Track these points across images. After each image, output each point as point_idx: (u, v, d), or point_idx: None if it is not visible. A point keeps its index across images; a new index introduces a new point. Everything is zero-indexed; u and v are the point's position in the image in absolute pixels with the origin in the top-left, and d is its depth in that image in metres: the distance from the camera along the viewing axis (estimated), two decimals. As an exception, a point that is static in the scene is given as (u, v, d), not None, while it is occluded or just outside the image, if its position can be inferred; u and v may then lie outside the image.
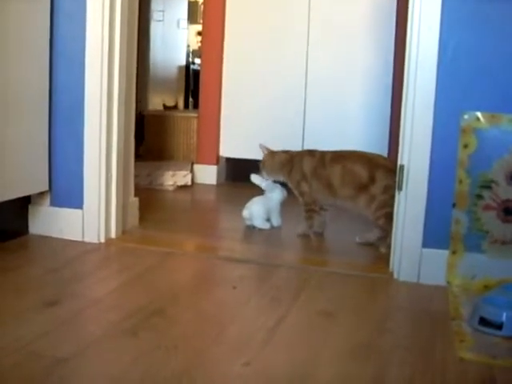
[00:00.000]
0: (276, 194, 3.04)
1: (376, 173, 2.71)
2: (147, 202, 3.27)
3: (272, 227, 3.06)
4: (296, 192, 2.97)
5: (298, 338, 1.85)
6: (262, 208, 3.02)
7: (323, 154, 2.89)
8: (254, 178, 3.07)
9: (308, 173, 2.88)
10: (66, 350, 1.66)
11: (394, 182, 2.44)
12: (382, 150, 3.93)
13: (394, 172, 2.44)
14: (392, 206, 2.47)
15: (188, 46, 7.13)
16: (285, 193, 3.07)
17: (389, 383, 1.61)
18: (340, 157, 2.84)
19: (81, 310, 1.96)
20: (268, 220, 3.06)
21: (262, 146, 3.09)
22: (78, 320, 1.90)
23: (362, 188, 2.72)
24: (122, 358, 1.65)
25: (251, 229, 3.05)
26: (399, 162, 2.37)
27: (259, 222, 3.03)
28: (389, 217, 2.55)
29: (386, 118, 3.97)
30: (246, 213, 3.04)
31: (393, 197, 2.47)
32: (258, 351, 1.72)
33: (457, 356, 1.74)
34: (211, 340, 1.78)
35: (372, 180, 2.71)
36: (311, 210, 2.91)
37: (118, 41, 2.62)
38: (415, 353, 1.76)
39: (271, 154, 3.06)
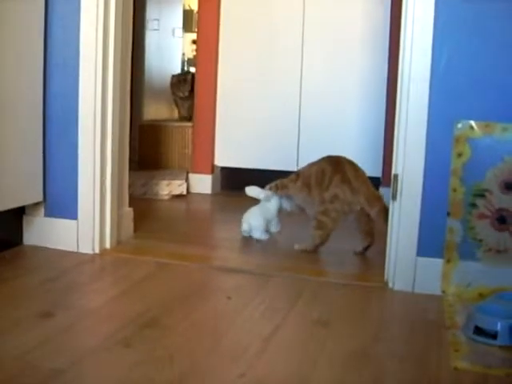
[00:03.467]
0: (273, 203, 3.02)
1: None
2: (142, 211, 3.27)
3: (271, 236, 3.04)
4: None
5: (294, 348, 1.85)
6: (261, 219, 3.00)
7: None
8: (250, 191, 3.05)
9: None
10: (62, 362, 1.65)
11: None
12: (376, 158, 3.94)
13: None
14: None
15: (183, 54, 7.13)
16: (282, 201, 3.04)
17: (384, 393, 1.61)
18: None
19: (75, 320, 1.96)
20: (267, 231, 3.03)
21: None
22: (73, 331, 1.89)
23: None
24: (117, 369, 1.64)
25: (249, 239, 3.03)
26: (393, 172, 2.37)
27: (259, 234, 3.01)
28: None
29: (380, 127, 3.97)
30: (245, 226, 3.01)
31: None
32: (253, 362, 1.72)
33: (451, 365, 1.74)
34: (206, 350, 1.78)
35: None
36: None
37: (112, 48, 2.62)
38: (410, 362, 1.76)
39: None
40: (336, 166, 2.82)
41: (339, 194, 2.76)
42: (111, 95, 2.64)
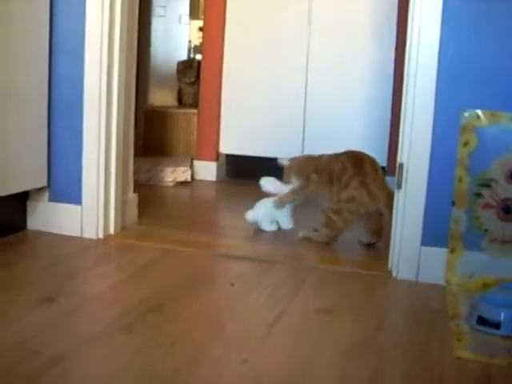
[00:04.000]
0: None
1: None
2: (146, 198, 3.26)
3: (279, 229, 3.00)
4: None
5: (296, 336, 1.85)
6: (268, 211, 2.95)
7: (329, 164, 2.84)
8: (266, 185, 3.00)
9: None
10: (63, 348, 1.65)
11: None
12: (382, 147, 3.92)
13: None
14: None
15: (189, 41, 7.10)
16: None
17: (386, 382, 1.61)
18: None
19: (78, 306, 1.96)
20: (276, 222, 2.99)
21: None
22: (75, 317, 1.89)
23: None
24: (119, 356, 1.64)
25: (254, 226, 3.02)
26: (399, 160, 2.36)
27: (265, 225, 2.98)
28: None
29: (386, 116, 3.94)
30: (250, 216, 2.97)
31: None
32: (256, 349, 1.72)
33: (454, 355, 1.73)
34: (209, 337, 1.78)
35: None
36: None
37: (117, 34, 2.60)
38: (413, 351, 1.76)
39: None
40: (358, 167, 2.73)
41: (357, 196, 2.71)
42: (116, 81, 2.63)
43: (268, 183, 3.01)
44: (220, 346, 1.73)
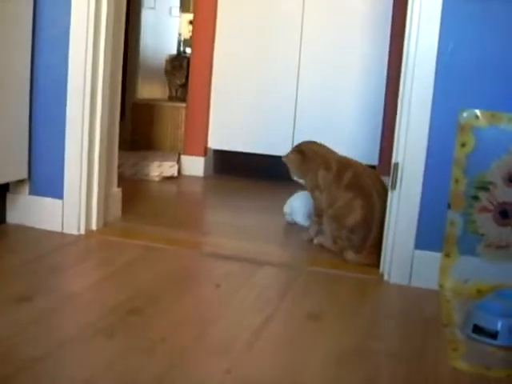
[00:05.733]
0: None
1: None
2: (131, 192, 3.17)
3: None
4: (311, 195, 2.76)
5: (283, 343, 1.77)
6: (304, 204, 2.90)
7: (339, 170, 2.60)
8: None
9: (322, 185, 2.65)
10: (37, 351, 1.56)
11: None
12: (373, 147, 3.86)
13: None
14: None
15: (179, 34, 7.02)
16: None
17: (378, 394, 1.53)
18: (357, 185, 2.55)
19: (55, 306, 1.86)
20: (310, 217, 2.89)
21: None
22: (52, 317, 1.79)
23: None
24: (97, 360, 1.56)
25: (291, 225, 2.96)
26: (393, 160, 2.28)
27: (300, 219, 2.92)
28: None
29: (379, 115, 3.88)
30: (287, 207, 2.96)
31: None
32: (241, 356, 1.63)
33: (450, 365, 1.65)
34: (191, 342, 1.69)
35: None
36: (321, 216, 2.70)
37: (104, 24, 2.51)
38: (406, 360, 1.68)
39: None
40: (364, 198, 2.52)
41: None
42: (102, 71, 2.54)
43: None
44: (203, 352, 1.64)
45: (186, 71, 4.65)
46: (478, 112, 2.17)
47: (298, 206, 2.94)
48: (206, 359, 1.61)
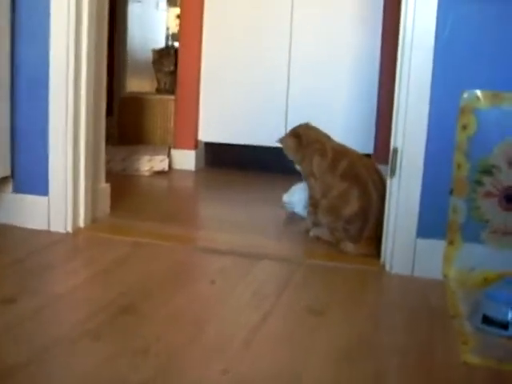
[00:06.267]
0: None
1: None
2: (120, 188, 3.07)
3: None
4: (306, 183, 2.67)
5: (283, 340, 1.67)
6: (305, 195, 2.79)
7: (334, 158, 2.51)
8: None
9: (316, 173, 2.56)
10: (21, 355, 1.47)
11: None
12: (368, 134, 3.77)
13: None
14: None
15: (167, 28, 6.94)
16: None
17: (386, 391, 1.44)
18: (352, 174, 2.46)
19: (41, 307, 1.76)
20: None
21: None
22: (38, 319, 1.70)
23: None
24: (85, 364, 1.46)
25: (291, 216, 2.88)
26: (392, 145, 2.19)
27: (300, 209, 2.85)
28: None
29: (373, 102, 3.79)
30: (286, 197, 2.90)
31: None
32: (238, 355, 1.54)
33: (460, 359, 1.57)
34: (186, 342, 1.60)
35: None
36: (316, 206, 2.59)
37: (86, 15, 2.41)
38: (413, 355, 1.59)
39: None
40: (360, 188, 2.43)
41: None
42: (85, 64, 2.45)
43: None
44: (198, 352, 1.55)
45: (174, 58, 4.57)
46: (478, 93, 2.08)
47: (298, 196, 2.85)
48: (202, 360, 1.51)
